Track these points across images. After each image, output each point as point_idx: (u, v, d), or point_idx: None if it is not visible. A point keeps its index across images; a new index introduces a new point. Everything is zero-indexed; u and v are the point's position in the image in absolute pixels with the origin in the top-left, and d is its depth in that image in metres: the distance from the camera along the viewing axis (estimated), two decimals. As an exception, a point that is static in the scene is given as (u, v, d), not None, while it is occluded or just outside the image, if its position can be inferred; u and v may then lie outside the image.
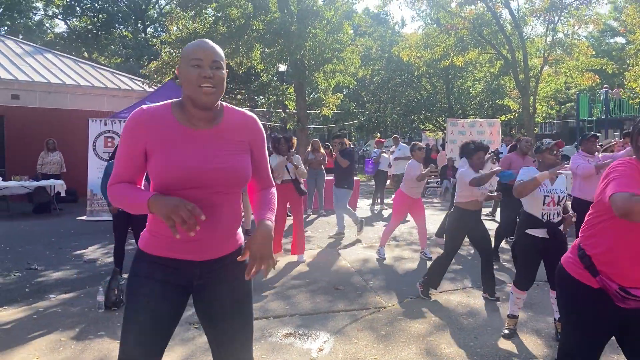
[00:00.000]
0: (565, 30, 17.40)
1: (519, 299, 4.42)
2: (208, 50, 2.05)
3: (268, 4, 16.76)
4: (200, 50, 2.04)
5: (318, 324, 4.68)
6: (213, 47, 2.07)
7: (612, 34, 35.34)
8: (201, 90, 2.00)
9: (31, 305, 5.21)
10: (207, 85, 2.00)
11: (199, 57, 2.02)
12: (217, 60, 2.05)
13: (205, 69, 2.01)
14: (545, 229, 4.14)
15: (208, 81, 2.00)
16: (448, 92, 27.65)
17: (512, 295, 4.45)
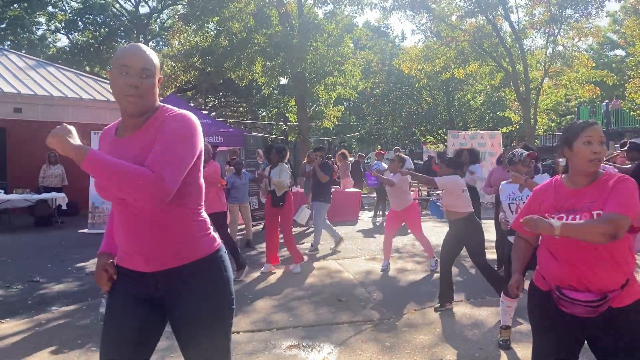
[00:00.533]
0: (565, 42, 17.49)
1: (509, 307, 4.39)
2: (137, 57, 1.95)
3: (269, 18, 16.90)
4: (129, 56, 1.94)
5: (322, 336, 4.64)
6: (144, 52, 1.97)
7: (612, 46, 35.52)
8: (126, 100, 1.93)
9: (33, 318, 5.19)
10: (132, 95, 1.93)
11: (126, 64, 1.93)
12: (147, 68, 1.95)
13: (132, 77, 1.93)
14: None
15: (133, 90, 1.92)
16: (449, 104, 27.73)
17: (502, 304, 4.42)
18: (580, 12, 16.26)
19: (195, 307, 2.03)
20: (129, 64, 1.93)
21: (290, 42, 15.57)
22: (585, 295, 2.23)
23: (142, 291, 2.07)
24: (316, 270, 7.28)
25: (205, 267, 2.06)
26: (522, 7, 17.90)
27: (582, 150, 2.28)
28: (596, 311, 2.23)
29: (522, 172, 4.29)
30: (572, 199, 2.33)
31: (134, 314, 2.05)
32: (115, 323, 2.05)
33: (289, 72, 17.08)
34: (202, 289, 2.03)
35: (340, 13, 17.71)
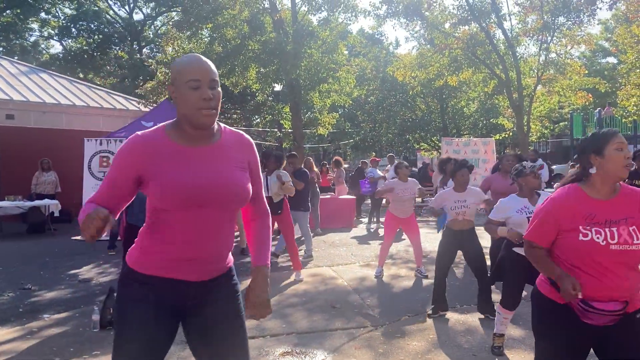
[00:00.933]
0: (558, 50, 17.61)
1: (506, 319, 4.37)
2: (205, 70, 1.94)
3: (264, 25, 16.92)
4: (197, 69, 1.92)
5: (315, 343, 4.63)
6: (209, 64, 1.97)
7: (604, 54, 35.79)
8: (201, 113, 1.92)
9: (25, 326, 5.15)
10: (207, 108, 1.92)
11: (196, 78, 1.91)
12: (214, 79, 1.96)
13: (204, 90, 1.91)
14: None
15: (208, 103, 1.92)
16: (442, 111, 27.83)
17: (499, 315, 4.39)
18: (573, 19, 16.37)
19: (227, 308, 2.11)
20: (198, 77, 1.92)
21: (284, 49, 15.59)
22: (611, 305, 2.26)
23: (180, 302, 2.06)
24: (310, 277, 7.26)
25: (226, 278, 2.15)
26: (515, 15, 18.01)
27: (616, 156, 2.31)
28: (618, 318, 2.27)
29: (533, 185, 4.20)
30: (604, 210, 2.32)
31: (164, 325, 2.03)
32: (144, 335, 1.98)
33: (283, 78, 17.08)
34: (228, 293, 2.13)
35: (334, 20, 17.75)
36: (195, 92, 1.91)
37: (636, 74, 16.51)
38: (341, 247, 9.70)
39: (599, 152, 2.34)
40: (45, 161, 12.22)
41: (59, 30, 31.05)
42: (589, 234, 2.29)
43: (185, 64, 1.94)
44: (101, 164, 10.92)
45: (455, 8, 17.57)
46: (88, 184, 10.86)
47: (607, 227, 2.28)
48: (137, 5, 33.42)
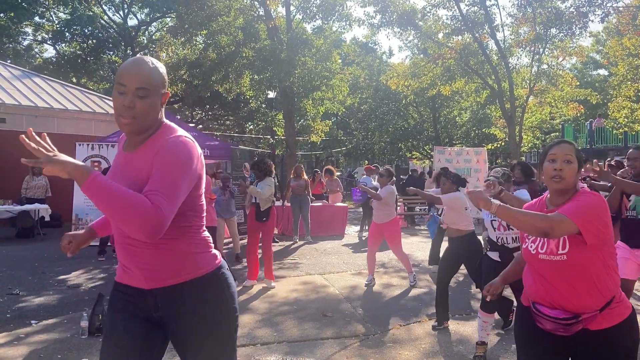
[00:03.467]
0: (550, 61, 17.76)
1: (486, 323, 4.38)
2: (134, 76, 1.83)
3: (258, 32, 16.97)
4: (125, 73, 1.84)
5: (306, 351, 4.60)
6: (142, 69, 1.85)
7: (595, 66, 36.13)
8: (119, 120, 1.86)
9: (12, 332, 5.08)
10: (125, 116, 1.84)
11: (122, 82, 1.84)
12: (143, 87, 1.84)
13: (126, 97, 1.83)
14: (498, 252, 4.22)
15: (127, 111, 1.83)
16: (435, 120, 27.95)
17: (479, 319, 4.41)
18: (565, 31, 16.53)
19: (197, 327, 1.98)
20: (124, 83, 1.84)
21: (278, 57, 15.62)
22: (556, 312, 2.25)
23: (142, 310, 2.01)
24: (301, 285, 7.23)
25: (206, 284, 2.01)
26: (508, 26, 18.17)
27: (546, 167, 2.35)
28: (569, 330, 2.24)
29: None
30: None
31: (135, 332, 1.99)
32: (115, 341, 1.98)
33: (276, 86, 17.12)
34: (203, 308, 1.99)
35: (328, 28, 17.85)
36: (120, 98, 1.84)
37: (627, 86, 16.67)
38: (333, 255, 9.67)
39: (541, 164, 2.42)
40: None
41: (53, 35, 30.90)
42: (527, 241, 2.39)
43: (122, 65, 1.89)
44: (92, 169, 10.83)
45: (449, 18, 17.73)
46: (79, 189, 10.75)
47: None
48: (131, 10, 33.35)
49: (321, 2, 16.99)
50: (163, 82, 1.92)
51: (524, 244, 2.42)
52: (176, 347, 2.06)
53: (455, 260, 5.31)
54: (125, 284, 2.02)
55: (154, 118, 1.92)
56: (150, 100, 1.87)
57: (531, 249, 2.35)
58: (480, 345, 4.39)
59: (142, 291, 1.99)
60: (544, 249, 2.29)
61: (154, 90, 1.87)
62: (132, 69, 1.85)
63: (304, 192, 11.35)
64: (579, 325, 2.21)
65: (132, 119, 1.85)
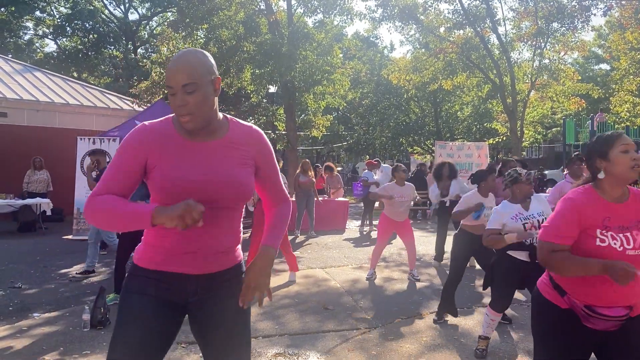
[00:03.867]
0: (551, 56, 17.71)
1: (493, 321, 4.35)
2: (177, 75, 1.87)
3: (259, 26, 16.93)
4: (171, 76, 1.89)
5: (308, 344, 4.61)
6: (183, 68, 1.88)
7: (597, 60, 36.02)
8: (180, 120, 1.92)
9: (14, 324, 5.10)
10: (183, 115, 1.89)
11: (170, 85, 1.89)
12: (188, 83, 1.87)
13: (177, 97, 1.88)
14: (528, 252, 4.13)
15: (182, 110, 1.88)
16: (436, 115, 27.90)
17: (487, 316, 4.37)
18: (567, 26, 16.48)
19: (231, 307, 2.06)
20: (172, 85, 1.89)
21: (279, 51, 15.59)
22: (616, 311, 2.23)
23: (180, 297, 2.03)
24: (303, 279, 7.24)
25: (234, 275, 2.11)
26: (510, 20, 18.12)
27: (622, 158, 2.27)
28: (622, 324, 2.25)
29: (526, 192, 4.18)
30: (618, 214, 2.28)
31: (164, 318, 2.00)
32: (142, 326, 1.97)
33: (277, 80, 17.09)
34: (234, 291, 2.07)
35: (329, 23, 17.79)
36: (173, 99, 1.89)
37: (629, 80, 16.64)
38: (334, 249, 9.68)
39: (604, 156, 2.31)
40: (37, 159, 12.15)
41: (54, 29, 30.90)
42: (606, 239, 2.23)
43: (169, 67, 1.92)
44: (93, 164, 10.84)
45: (451, 12, 17.68)
46: (80, 183, 10.79)
47: (621, 232, 2.23)
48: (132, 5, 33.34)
49: (323, -4, 16.95)
50: (209, 69, 1.94)
51: (601, 242, 2.23)
52: (200, 331, 2.09)
53: (468, 256, 5.32)
54: (161, 270, 2.00)
55: (212, 106, 1.96)
56: (201, 92, 1.90)
57: (615, 245, 2.21)
58: (484, 340, 4.40)
59: (186, 276, 2.01)
60: (631, 244, 2.21)
61: (201, 81, 1.89)
62: (174, 67, 1.88)
63: (311, 188, 11.39)
64: (627, 317, 2.23)
65: (191, 116, 1.89)
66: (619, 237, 2.22)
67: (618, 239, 2.22)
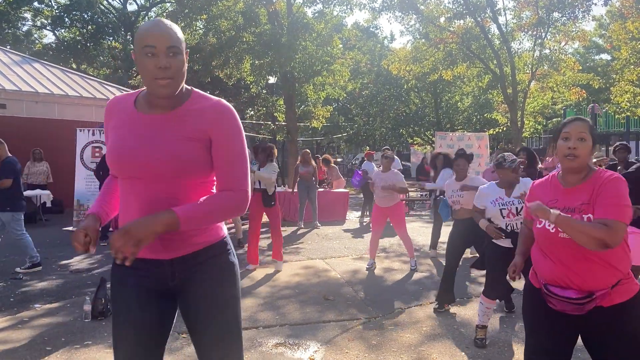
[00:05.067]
0: (552, 45, 17.63)
1: (488, 309, 4.39)
2: (162, 35, 1.81)
3: (258, 16, 16.85)
4: (152, 35, 1.81)
5: (308, 334, 4.63)
6: (169, 29, 1.83)
7: (598, 50, 35.91)
8: (157, 83, 1.83)
9: (15, 315, 5.12)
10: (163, 77, 1.82)
11: (151, 44, 1.80)
12: (173, 45, 1.82)
13: (159, 58, 1.81)
14: (509, 239, 4.20)
15: (163, 72, 1.82)
16: (436, 106, 27.84)
17: (481, 305, 4.41)
18: (567, 15, 16.39)
19: (211, 292, 2.00)
20: (153, 44, 1.80)
21: (279, 41, 15.52)
22: (569, 292, 2.25)
23: (159, 282, 1.99)
24: (303, 269, 7.26)
25: (216, 253, 2.04)
26: (510, 10, 18.05)
27: (560, 145, 2.33)
28: (582, 309, 2.24)
29: (508, 178, 4.26)
30: (565, 197, 2.34)
31: (151, 307, 1.97)
32: (132, 321, 1.95)
33: (277, 71, 17.03)
34: (215, 274, 2.02)
35: (329, 13, 17.70)
36: (151, 60, 1.81)
37: (630, 70, 16.57)
38: (334, 240, 9.70)
39: (555, 141, 2.39)
40: (37, 151, 12.14)
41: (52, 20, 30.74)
42: (543, 221, 2.34)
43: (144, 28, 1.84)
44: (93, 155, 10.86)
45: (451, 2, 17.58)
46: (80, 174, 10.80)
47: (567, 213, 2.26)
48: (131, -5, 33.18)
49: (322, -14, 16.86)
50: (183, 39, 1.92)
51: (539, 224, 2.37)
52: (188, 314, 2.04)
53: (463, 242, 5.34)
54: (139, 257, 1.91)
55: (184, 77, 1.93)
56: (182, 58, 1.87)
57: (550, 228, 2.31)
58: (482, 329, 4.42)
59: (159, 262, 1.97)
60: None
61: (181, 47, 1.87)
62: (156, 29, 1.82)
63: (312, 179, 11.39)
64: (592, 304, 2.22)
65: (170, 80, 1.84)
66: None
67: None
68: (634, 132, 22.13)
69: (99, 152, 10.83)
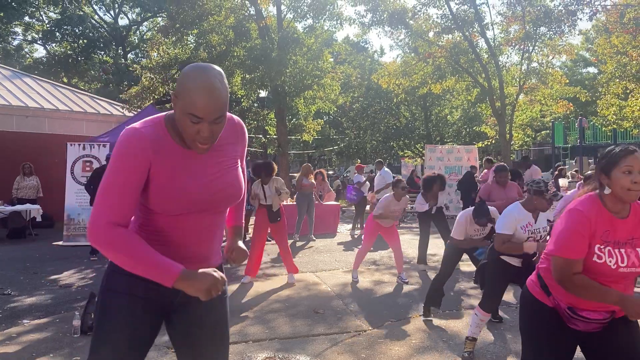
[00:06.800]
0: (539, 59, 17.87)
1: (482, 321, 4.42)
2: (213, 107, 1.74)
3: (249, 31, 16.98)
4: (202, 107, 1.73)
5: (298, 348, 4.64)
6: (219, 98, 1.75)
7: (585, 64, 36.37)
8: (195, 145, 1.82)
9: (4, 331, 5.09)
10: (204, 143, 1.81)
11: (198, 116, 1.74)
12: (220, 115, 1.79)
13: (204, 128, 1.77)
14: (521, 259, 4.23)
15: (205, 140, 1.80)
16: (426, 119, 28.06)
17: (476, 316, 4.41)
18: (554, 30, 16.63)
19: (216, 311, 2.09)
20: (201, 116, 1.75)
21: (269, 56, 15.63)
22: (597, 314, 2.30)
23: (167, 297, 1.99)
24: (293, 282, 7.26)
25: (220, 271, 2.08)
26: (498, 25, 18.26)
27: (622, 179, 2.20)
28: (603, 326, 2.33)
29: (542, 208, 4.15)
30: (617, 229, 2.28)
31: (149, 320, 1.98)
32: (130, 334, 1.94)
33: (268, 85, 17.14)
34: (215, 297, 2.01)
35: (319, 27, 17.86)
36: (195, 126, 1.77)
37: (615, 83, 16.80)
38: (325, 253, 9.72)
39: (607, 173, 2.26)
40: (27, 166, 12.10)
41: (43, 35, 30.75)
42: (603, 256, 2.24)
43: (196, 92, 1.73)
44: (84, 169, 10.84)
45: (439, 17, 17.80)
46: (70, 189, 10.78)
47: (617, 247, 2.25)
48: (122, 10, 33.30)
49: (312, 2, 17.02)
50: (228, 94, 1.87)
51: (599, 259, 2.25)
52: (182, 334, 2.07)
53: (457, 260, 5.43)
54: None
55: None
56: (225, 119, 1.85)
57: (610, 263, 2.24)
58: (471, 341, 4.45)
59: None
60: (625, 262, 2.25)
61: (226, 111, 1.83)
62: (207, 100, 1.73)
63: (312, 191, 11.55)
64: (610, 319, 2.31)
65: (210, 143, 1.84)
66: (614, 254, 2.24)
67: (614, 255, 2.24)
68: (620, 144, 22.32)
69: (89, 166, 10.81)
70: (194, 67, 1.80)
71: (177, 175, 1.86)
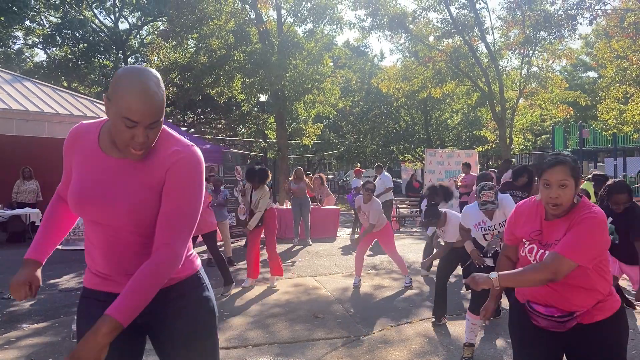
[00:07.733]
0: (539, 63, 17.90)
1: (474, 325, 4.44)
2: (148, 111, 1.68)
3: (249, 36, 17.01)
4: (137, 111, 1.66)
5: (297, 353, 4.63)
6: (154, 102, 1.69)
7: (585, 68, 36.42)
8: (129, 150, 1.74)
9: (3, 335, 5.08)
10: (139, 149, 1.74)
11: (133, 120, 1.67)
12: (156, 120, 1.72)
13: (139, 132, 1.70)
14: (492, 258, 4.42)
15: (140, 145, 1.73)
16: (426, 123, 28.08)
17: (467, 321, 4.46)
18: (554, 34, 16.66)
19: (184, 329, 1.94)
20: (136, 120, 1.68)
21: (269, 60, 15.67)
22: (551, 310, 2.30)
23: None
24: (293, 287, 7.26)
25: (189, 288, 1.97)
26: (498, 29, 18.30)
27: (542, 191, 2.30)
28: (564, 326, 2.29)
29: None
30: (547, 230, 2.35)
31: (116, 348, 1.77)
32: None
33: (268, 89, 17.16)
34: (188, 311, 1.95)
35: (319, 32, 17.92)
36: (129, 131, 1.70)
37: (615, 87, 16.81)
38: (325, 257, 9.70)
39: (538, 181, 2.45)
40: (26, 169, 12.10)
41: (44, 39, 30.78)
42: (524, 249, 2.42)
43: (131, 95, 1.66)
44: (84, 173, 10.83)
45: (439, 21, 17.82)
46: (70, 193, 10.76)
47: (541, 248, 2.33)
48: (122, 14, 33.32)
49: (312, 6, 17.07)
50: (165, 100, 1.79)
51: (521, 251, 2.44)
52: (160, 349, 1.98)
53: (454, 257, 5.43)
54: (107, 291, 1.90)
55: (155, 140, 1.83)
56: (160, 126, 1.79)
57: (530, 258, 2.38)
58: (469, 347, 4.44)
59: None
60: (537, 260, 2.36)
61: (162, 117, 1.76)
62: (142, 105, 1.67)
63: (304, 195, 11.46)
64: (573, 322, 2.28)
65: (144, 150, 1.77)
66: (534, 251, 2.36)
67: (533, 252, 2.37)
68: (620, 148, 22.39)
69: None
70: (129, 69, 1.74)
71: (81, 174, 1.87)
